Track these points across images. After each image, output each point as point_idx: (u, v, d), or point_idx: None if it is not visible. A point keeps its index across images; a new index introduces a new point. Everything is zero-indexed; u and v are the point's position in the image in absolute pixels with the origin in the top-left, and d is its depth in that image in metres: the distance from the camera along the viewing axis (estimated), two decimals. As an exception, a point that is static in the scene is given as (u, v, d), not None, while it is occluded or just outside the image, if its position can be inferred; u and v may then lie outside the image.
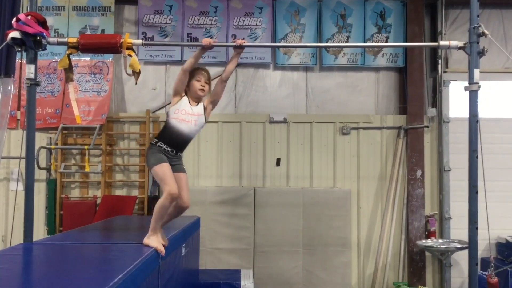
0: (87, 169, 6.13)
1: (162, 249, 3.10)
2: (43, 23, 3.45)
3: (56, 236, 4.46)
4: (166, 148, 3.41)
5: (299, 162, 6.56)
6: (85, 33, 6.29)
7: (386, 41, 6.59)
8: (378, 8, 6.60)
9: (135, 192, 6.45)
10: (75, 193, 6.45)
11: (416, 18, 6.51)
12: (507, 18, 6.63)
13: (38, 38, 3.39)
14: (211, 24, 6.54)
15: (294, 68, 6.67)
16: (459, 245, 5.93)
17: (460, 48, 3.75)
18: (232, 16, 6.56)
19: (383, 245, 6.38)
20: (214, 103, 3.67)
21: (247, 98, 6.66)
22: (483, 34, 3.61)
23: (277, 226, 6.25)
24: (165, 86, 6.62)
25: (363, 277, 6.46)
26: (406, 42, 6.52)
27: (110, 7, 6.47)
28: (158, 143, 3.41)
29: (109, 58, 6.43)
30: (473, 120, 3.69)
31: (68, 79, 3.63)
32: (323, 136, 6.58)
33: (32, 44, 3.39)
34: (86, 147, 6.14)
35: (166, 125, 3.48)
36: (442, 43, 3.89)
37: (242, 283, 4.96)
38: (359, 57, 6.59)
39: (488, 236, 5.02)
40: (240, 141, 6.56)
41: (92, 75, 6.44)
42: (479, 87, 3.67)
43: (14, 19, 3.35)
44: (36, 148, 5.51)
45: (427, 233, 6.35)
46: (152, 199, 6.13)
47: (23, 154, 3.62)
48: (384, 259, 6.37)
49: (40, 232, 6.14)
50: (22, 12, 3.41)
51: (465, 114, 3.82)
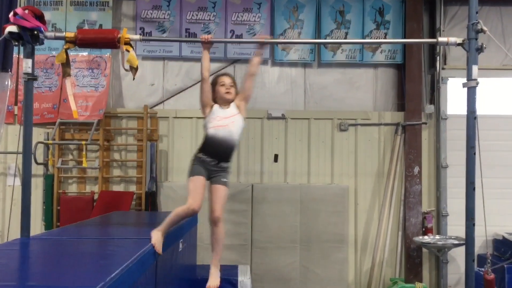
0: (85, 165, 6.12)
1: (160, 249, 3.08)
2: (41, 17, 3.44)
3: (53, 231, 4.45)
4: (207, 159, 3.45)
5: (297, 158, 6.56)
6: (83, 28, 6.27)
7: (385, 38, 6.58)
8: (377, 5, 6.59)
9: (133, 188, 6.44)
10: (73, 189, 6.44)
11: (415, 15, 6.50)
12: (506, 15, 6.62)
13: (36, 33, 3.38)
14: (210, 20, 6.53)
15: (293, 64, 6.66)
16: (456, 242, 5.95)
17: (459, 45, 3.75)
18: (231, 12, 6.54)
19: (380, 241, 6.40)
20: (246, 99, 3.69)
21: (245, 94, 6.64)
22: (482, 31, 3.61)
23: (275, 222, 6.25)
24: (163, 82, 6.60)
25: (360, 273, 6.47)
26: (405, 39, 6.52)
27: (108, 2, 6.44)
28: (199, 154, 3.47)
29: (107, 53, 6.41)
30: (471, 117, 3.69)
31: (66, 74, 3.63)
32: (321, 133, 6.58)
33: (30, 38, 3.38)
34: (84, 143, 6.12)
35: (206, 136, 3.57)
36: (441, 39, 3.89)
37: (239, 279, 4.96)
38: (358, 54, 6.58)
39: (485, 233, 5.05)
40: (238, 137, 6.55)
41: (90, 70, 6.41)
42: (477, 84, 3.68)
43: (12, 13, 3.34)
44: (34, 143, 5.49)
45: (424, 230, 6.37)
46: (150, 195, 6.13)
47: (21, 149, 3.62)
48: (381, 255, 6.39)
49: (38, 228, 6.12)
50: (20, 6, 3.39)
51: (463, 111, 3.83)
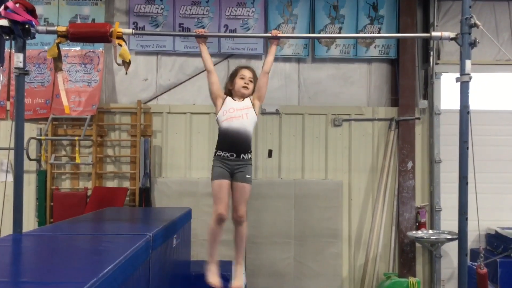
0: (78, 161, 6.09)
1: (218, 283, 3.02)
2: (32, 11, 3.41)
3: (46, 227, 4.44)
4: (225, 155, 3.38)
5: (291, 154, 6.55)
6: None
7: (379, 33, 6.57)
8: (371, 0, 6.59)
9: (126, 184, 6.41)
10: (66, 185, 6.40)
11: (409, 10, 6.50)
12: (499, 10, 6.64)
13: (27, 27, 3.36)
14: (203, 14, 6.49)
15: (287, 59, 6.64)
16: (449, 236, 5.98)
17: (452, 39, 3.76)
18: (224, 6, 6.50)
19: (374, 237, 6.42)
20: (261, 98, 3.63)
21: (239, 89, 6.62)
22: (475, 25, 3.62)
23: (269, 218, 6.25)
24: (157, 77, 6.57)
25: (354, 268, 6.49)
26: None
27: (101, -4, 6.40)
28: (217, 152, 3.40)
29: (100, 48, 6.36)
30: (464, 111, 3.70)
31: (57, 69, 3.60)
32: (315, 128, 6.57)
33: (21, 33, 3.35)
34: (77, 138, 6.09)
35: (220, 131, 3.46)
36: (434, 34, 3.90)
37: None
38: (352, 49, 6.57)
39: (478, 227, 5.09)
40: (232, 133, 6.54)
41: (83, 65, 6.37)
42: (471, 78, 3.69)
43: (2, 7, 3.31)
44: (26, 139, 5.47)
45: (418, 225, 6.39)
46: (143, 191, 6.11)
47: (13, 145, 3.59)
48: (375, 250, 6.41)
49: (31, 224, 6.10)
50: (11, 0, 3.36)
51: (456, 106, 3.84)
